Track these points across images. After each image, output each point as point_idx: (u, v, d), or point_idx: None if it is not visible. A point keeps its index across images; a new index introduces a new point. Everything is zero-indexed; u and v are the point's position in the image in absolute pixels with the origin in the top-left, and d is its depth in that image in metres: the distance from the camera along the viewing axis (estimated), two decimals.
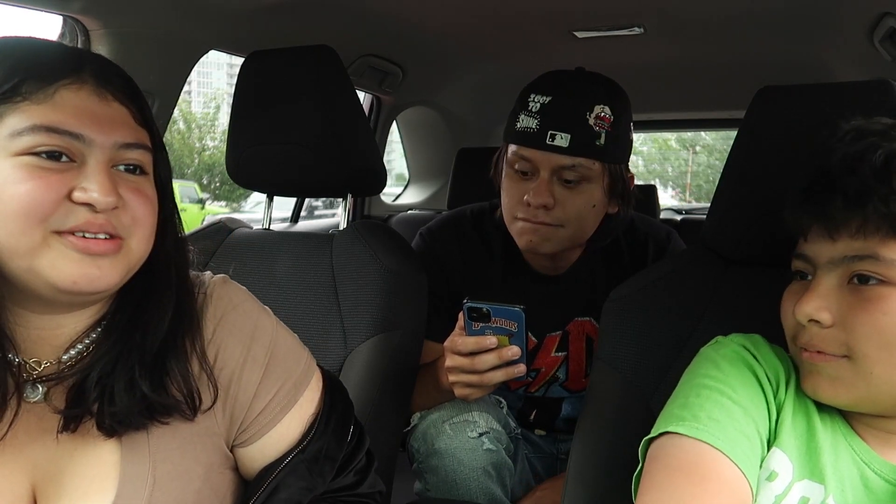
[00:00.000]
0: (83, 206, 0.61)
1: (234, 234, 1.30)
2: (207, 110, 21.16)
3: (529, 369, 1.30)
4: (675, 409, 0.71)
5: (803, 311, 0.67)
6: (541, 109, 1.16)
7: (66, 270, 0.61)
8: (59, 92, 0.61)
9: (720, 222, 0.98)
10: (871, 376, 0.64)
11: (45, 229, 0.60)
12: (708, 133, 20.22)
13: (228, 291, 0.76)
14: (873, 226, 0.63)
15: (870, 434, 0.70)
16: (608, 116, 1.16)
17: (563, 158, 1.15)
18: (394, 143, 2.91)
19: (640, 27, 1.69)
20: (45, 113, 0.60)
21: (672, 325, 0.98)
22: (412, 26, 1.76)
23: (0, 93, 0.60)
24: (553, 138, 1.14)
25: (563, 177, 1.16)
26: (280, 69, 1.22)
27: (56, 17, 1.25)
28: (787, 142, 0.89)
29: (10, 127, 0.60)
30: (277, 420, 0.75)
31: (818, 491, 0.68)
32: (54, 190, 0.60)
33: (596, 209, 1.20)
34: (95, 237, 0.62)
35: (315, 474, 0.76)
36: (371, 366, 1.12)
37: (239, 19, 1.45)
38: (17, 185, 0.59)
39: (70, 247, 0.61)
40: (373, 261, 1.18)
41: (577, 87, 1.18)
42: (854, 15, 1.49)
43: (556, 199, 1.16)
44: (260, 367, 0.74)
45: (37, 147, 0.60)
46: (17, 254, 0.60)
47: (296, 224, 2.54)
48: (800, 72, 1.90)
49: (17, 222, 0.59)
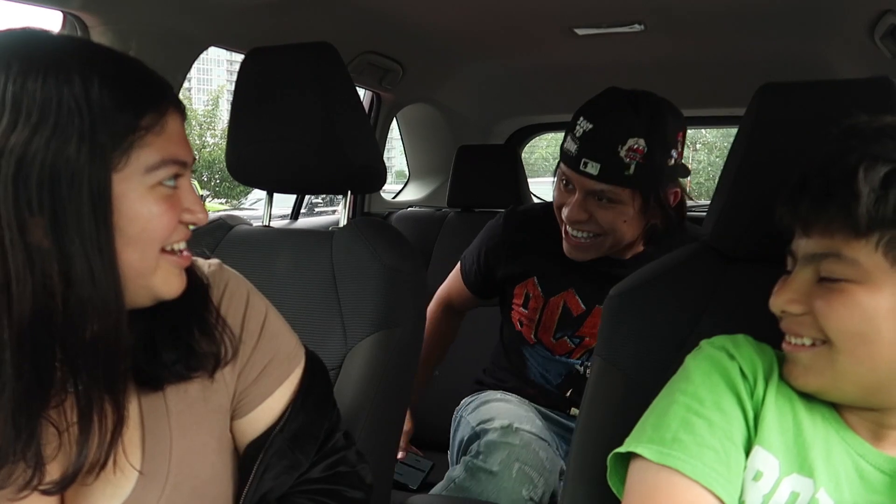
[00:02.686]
0: (184, 224, 0.69)
1: (233, 231, 1.30)
2: (207, 107, 21.13)
3: (574, 334, 1.46)
4: (648, 426, 0.74)
5: (775, 302, 0.71)
6: (582, 135, 1.29)
7: (174, 285, 0.69)
8: (167, 121, 0.65)
9: (721, 220, 0.98)
10: (837, 364, 0.67)
11: (159, 249, 0.67)
12: (708, 130, 20.19)
13: (224, 275, 0.81)
14: (837, 226, 0.65)
15: (862, 427, 0.71)
16: (641, 149, 1.26)
17: (593, 183, 1.28)
18: (394, 140, 2.91)
19: (640, 24, 1.68)
20: (164, 145, 0.65)
21: (673, 321, 0.98)
22: (412, 23, 1.76)
23: (129, 128, 0.62)
24: (585, 165, 1.28)
25: (595, 196, 1.30)
26: (280, 66, 1.22)
27: (56, 13, 1.25)
28: (787, 139, 0.89)
29: (143, 162, 0.63)
30: (270, 391, 0.80)
31: (808, 485, 0.69)
32: (175, 215, 0.67)
33: (629, 223, 1.33)
34: (187, 251, 0.71)
35: (297, 451, 0.80)
36: (371, 363, 1.12)
37: (239, 16, 1.44)
38: (156, 217, 0.65)
39: (174, 264, 0.69)
40: (373, 258, 1.18)
41: (618, 118, 1.28)
42: (855, 12, 1.49)
43: (589, 213, 1.31)
44: (253, 340, 0.80)
45: (165, 180, 0.65)
46: (141, 274, 0.65)
47: (296, 221, 2.54)
48: (801, 69, 1.90)
49: (149, 246, 0.65)
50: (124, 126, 0.61)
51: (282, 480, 0.78)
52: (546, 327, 1.48)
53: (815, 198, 0.67)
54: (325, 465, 0.83)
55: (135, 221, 0.63)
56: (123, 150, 0.61)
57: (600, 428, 0.96)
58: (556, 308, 1.47)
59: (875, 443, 0.70)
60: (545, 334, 1.49)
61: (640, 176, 1.26)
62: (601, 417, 0.97)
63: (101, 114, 0.59)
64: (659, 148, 1.27)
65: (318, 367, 0.88)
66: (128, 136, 0.62)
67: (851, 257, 0.65)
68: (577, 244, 1.36)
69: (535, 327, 1.50)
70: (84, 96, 0.59)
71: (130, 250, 0.64)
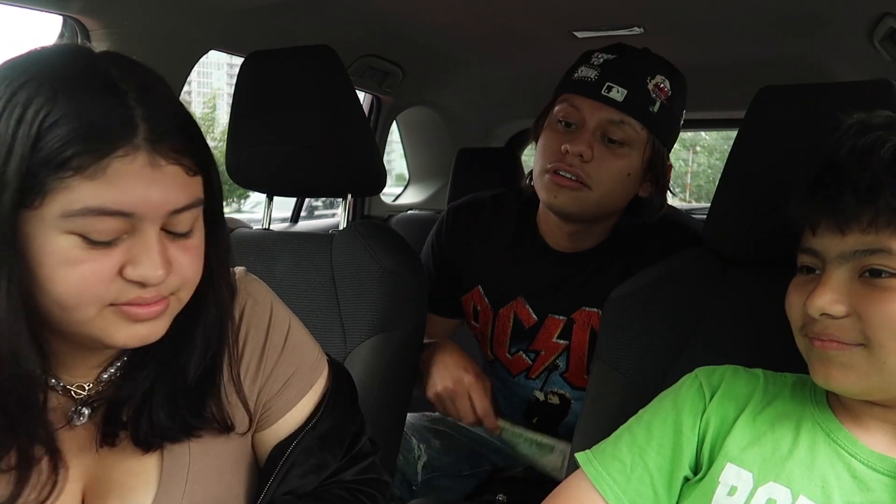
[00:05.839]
0: (135, 282, 0.59)
1: (233, 234, 1.30)
2: (207, 110, 21.09)
3: (529, 349, 1.31)
4: (610, 441, 0.82)
5: (815, 304, 0.66)
6: (603, 63, 1.16)
7: (119, 335, 0.61)
8: (112, 166, 0.56)
9: (720, 222, 0.98)
10: (886, 365, 0.64)
11: (100, 305, 0.59)
12: (708, 133, 20.19)
13: (248, 284, 0.79)
14: (885, 220, 0.63)
15: (866, 426, 0.70)
16: (667, 90, 1.16)
17: (613, 113, 1.13)
18: (394, 143, 2.91)
19: (639, 27, 1.68)
20: (96, 192, 0.55)
21: (673, 324, 0.98)
22: (412, 26, 1.76)
23: (50, 167, 0.54)
24: (609, 90, 1.13)
25: (608, 134, 1.14)
26: (280, 69, 1.22)
27: (56, 17, 1.25)
28: (787, 142, 0.89)
29: (60, 206, 0.55)
30: (293, 404, 0.78)
31: (784, 493, 0.70)
32: (107, 271, 0.58)
33: (629, 179, 1.17)
34: (151, 303, 0.61)
35: (325, 451, 0.78)
36: (371, 365, 1.12)
37: (239, 19, 1.44)
38: (71, 267, 0.57)
39: (122, 316, 0.60)
40: (372, 261, 1.17)
41: (644, 53, 1.19)
42: (854, 15, 1.49)
43: (594, 154, 1.13)
44: (277, 352, 0.78)
45: (88, 232, 0.56)
46: (70, 323, 0.60)
47: (296, 224, 2.54)
48: (800, 72, 1.90)
49: (70, 302, 0.58)
50: (41, 162, 0.54)
51: (308, 480, 0.77)
52: (500, 342, 1.34)
53: (859, 191, 0.63)
54: (357, 470, 0.81)
55: (44, 266, 0.57)
56: (37, 189, 0.55)
57: (600, 429, 0.96)
58: (506, 320, 1.33)
59: (875, 443, 0.69)
60: (500, 349, 1.35)
61: (661, 118, 1.15)
62: (600, 420, 0.97)
63: (22, 145, 0.54)
64: (679, 97, 1.19)
65: (343, 372, 0.87)
66: (42, 174, 0.54)
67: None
68: (562, 182, 1.15)
69: (489, 343, 1.37)
70: (16, 122, 0.54)
71: (44, 295, 0.58)
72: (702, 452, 0.77)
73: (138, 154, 0.57)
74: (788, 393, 0.77)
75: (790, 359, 0.75)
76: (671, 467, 0.77)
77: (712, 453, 0.76)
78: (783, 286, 0.74)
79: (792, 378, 0.79)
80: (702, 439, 0.77)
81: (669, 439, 0.78)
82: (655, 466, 0.77)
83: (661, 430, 0.78)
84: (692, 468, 0.77)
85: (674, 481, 0.77)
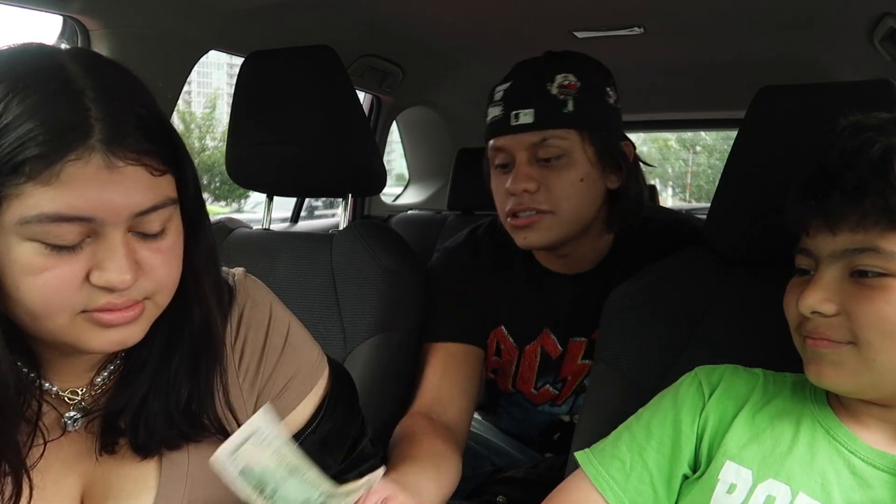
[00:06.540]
0: (103, 287, 0.58)
1: (233, 234, 1.30)
2: (207, 110, 21.12)
3: (556, 379, 1.26)
4: (609, 440, 0.83)
5: (806, 303, 0.68)
6: (503, 95, 1.14)
7: (94, 342, 0.60)
8: (65, 170, 0.53)
9: (721, 222, 0.98)
10: (875, 363, 0.65)
11: (71, 312, 0.58)
12: (708, 133, 20.21)
13: (248, 286, 0.78)
14: (872, 219, 0.64)
15: (865, 424, 0.71)
16: (573, 83, 1.11)
17: (531, 136, 1.10)
18: (394, 143, 2.91)
19: (639, 27, 1.69)
20: (51, 198, 0.54)
21: (673, 324, 0.98)
22: (412, 26, 1.76)
23: (3, 173, 0.53)
24: (517, 118, 1.10)
25: (539, 156, 1.10)
26: (280, 69, 1.22)
27: (56, 17, 1.25)
28: (787, 142, 0.89)
29: (17, 213, 0.54)
30: (293, 406, 0.78)
31: (784, 490, 0.70)
32: (72, 277, 0.56)
33: (586, 183, 1.12)
34: (119, 309, 0.60)
35: (326, 454, 0.78)
36: (371, 365, 1.12)
37: (239, 19, 1.44)
38: (35, 276, 0.55)
39: (95, 322, 0.59)
40: (372, 261, 1.17)
41: (536, 65, 1.15)
42: (854, 15, 1.49)
43: (538, 181, 1.10)
44: (276, 354, 0.77)
45: (47, 238, 0.55)
46: (43, 331, 0.59)
47: (296, 224, 2.54)
48: (800, 72, 1.90)
49: (38, 310, 0.57)
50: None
51: None
52: (525, 378, 1.28)
53: (846, 192, 0.65)
54: (358, 472, 0.80)
55: (8, 276, 0.56)
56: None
57: (600, 430, 0.96)
58: (533, 357, 1.26)
59: (875, 440, 0.70)
60: (525, 385, 1.29)
61: (581, 111, 1.10)
62: (600, 420, 0.97)
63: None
64: (592, 81, 1.13)
65: (344, 374, 0.86)
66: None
67: (890, 250, 0.63)
68: (524, 222, 1.11)
69: (511, 378, 1.29)
70: None
71: (13, 305, 0.57)
72: (700, 450, 0.77)
73: (93, 156, 0.54)
74: (788, 391, 0.78)
75: (790, 359, 0.75)
76: (671, 466, 0.78)
77: (711, 451, 0.76)
78: (783, 286, 0.75)
79: (792, 377, 0.79)
80: (700, 437, 0.77)
81: (669, 438, 0.78)
82: (655, 465, 0.78)
83: (660, 429, 0.79)
84: (691, 466, 0.78)
85: (673, 480, 0.77)
